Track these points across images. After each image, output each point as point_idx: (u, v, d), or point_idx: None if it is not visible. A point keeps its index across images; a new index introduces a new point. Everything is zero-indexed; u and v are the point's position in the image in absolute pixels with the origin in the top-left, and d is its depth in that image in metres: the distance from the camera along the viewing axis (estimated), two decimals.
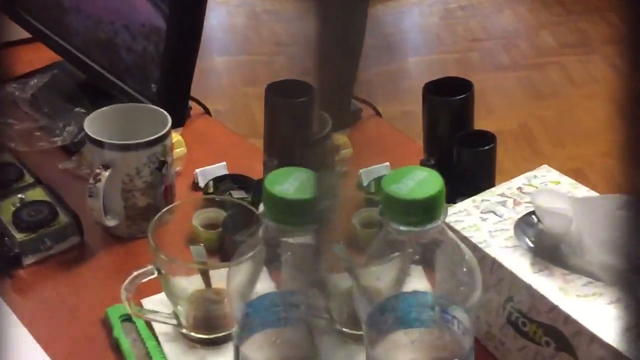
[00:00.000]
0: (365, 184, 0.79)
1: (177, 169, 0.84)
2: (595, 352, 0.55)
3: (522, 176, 0.69)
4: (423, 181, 0.48)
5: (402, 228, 0.48)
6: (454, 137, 0.74)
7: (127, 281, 0.59)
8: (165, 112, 0.74)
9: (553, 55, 2.61)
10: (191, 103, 0.93)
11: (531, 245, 0.62)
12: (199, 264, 0.61)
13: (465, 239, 0.63)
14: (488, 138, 0.74)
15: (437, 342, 0.50)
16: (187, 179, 0.83)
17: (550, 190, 0.67)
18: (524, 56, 2.63)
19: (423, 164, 0.75)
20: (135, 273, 0.60)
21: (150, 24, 0.78)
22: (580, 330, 0.56)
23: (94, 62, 0.87)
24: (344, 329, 0.62)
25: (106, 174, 0.71)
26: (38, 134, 0.87)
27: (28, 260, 0.72)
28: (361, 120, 0.94)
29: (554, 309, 0.57)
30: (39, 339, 0.64)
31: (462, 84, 0.76)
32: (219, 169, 0.82)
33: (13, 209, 0.73)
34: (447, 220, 0.64)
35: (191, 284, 0.62)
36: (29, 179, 0.78)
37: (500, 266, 0.60)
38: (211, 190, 0.79)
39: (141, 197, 0.73)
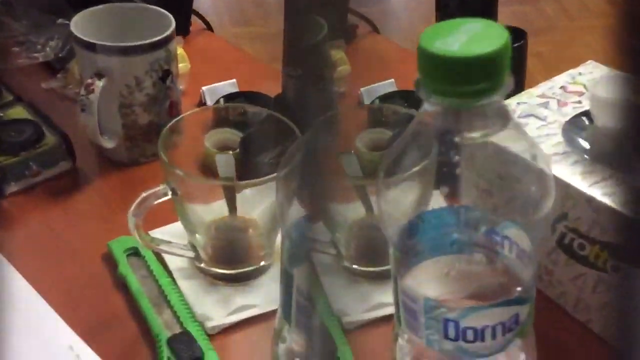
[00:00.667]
0: (367, 102, 0.70)
1: (180, 87, 0.73)
2: None
3: (564, 74, 0.59)
4: (480, 34, 0.35)
5: (454, 100, 0.35)
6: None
7: (134, 204, 0.48)
8: (167, 12, 0.63)
9: None
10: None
11: (587, 149, 0.52)
12: (225, 179, 0.51)
13: (503, 149, 0.52)
14: (517, 34, 0.64)
15: (482, 272, 0.39)
16: (193, 99, 0.72)
17: (611, 77, 0.56)
18: None
19: None
20: (144, 194, 0.49)
21: None
22: None
23: None
24: (354, 266, 0.53)
25: (100, 83, 0.59)
26: (16, 49, 0.75)
27: (11, 188, 0.61)
28: (358, 36, 0.83)
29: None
30: (31, 280, 0.53)
31: None
32: (229, 86, 0.71)
33: None
34: None
35: (211, 212, 0.52)
36: (7, 96, 0.67)
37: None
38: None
39: (142, 114, 0.62)
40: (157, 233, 0.56)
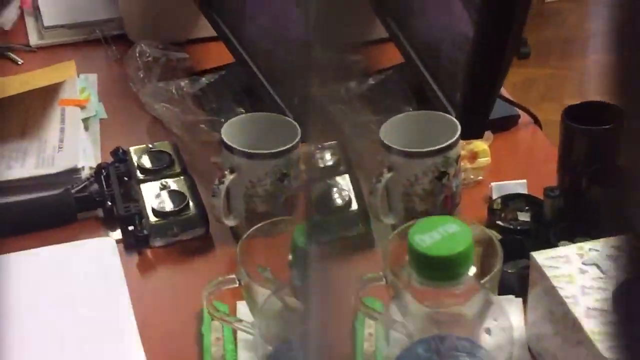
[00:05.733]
0: (494, 197, 0.77)
1: (479, 178, 0.82)
2: None
3: None
4: (451, 236, 0.48)
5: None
6: (589, 169, 0.69)
7: (209, 285, 0.63)
8: (296, 125, 0.77)
9: None
10: (520, 112, 0.91)
11: None
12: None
13: (552, 289, 0.58)
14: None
15: None
16: (485, 190, 0.81)
17: None
18: None
19: (546, 193, 0.71)
20: (220, 279, 0.64)
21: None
22: None
23: (260, 68, 0.92)
24: None
25: (231, 177, 0.76)
26: (203, 126, 0.94)
27: (156, 242, 0.79)
28: (517, 126, 0.90)
29: None
30: (137, 316, 0.70)
31: (608, 110, 0.70)
32: (517, 186, 0.78)
33: (155, 194, 0.81)
34: (542, 262, 0.60)
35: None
36: (177, 168, 0.86)
37: (580, 329, 0.56)
38: (498, 207, 0.76)
39: (261, 204, 0.78)
40: (241, 305, 0.70)
